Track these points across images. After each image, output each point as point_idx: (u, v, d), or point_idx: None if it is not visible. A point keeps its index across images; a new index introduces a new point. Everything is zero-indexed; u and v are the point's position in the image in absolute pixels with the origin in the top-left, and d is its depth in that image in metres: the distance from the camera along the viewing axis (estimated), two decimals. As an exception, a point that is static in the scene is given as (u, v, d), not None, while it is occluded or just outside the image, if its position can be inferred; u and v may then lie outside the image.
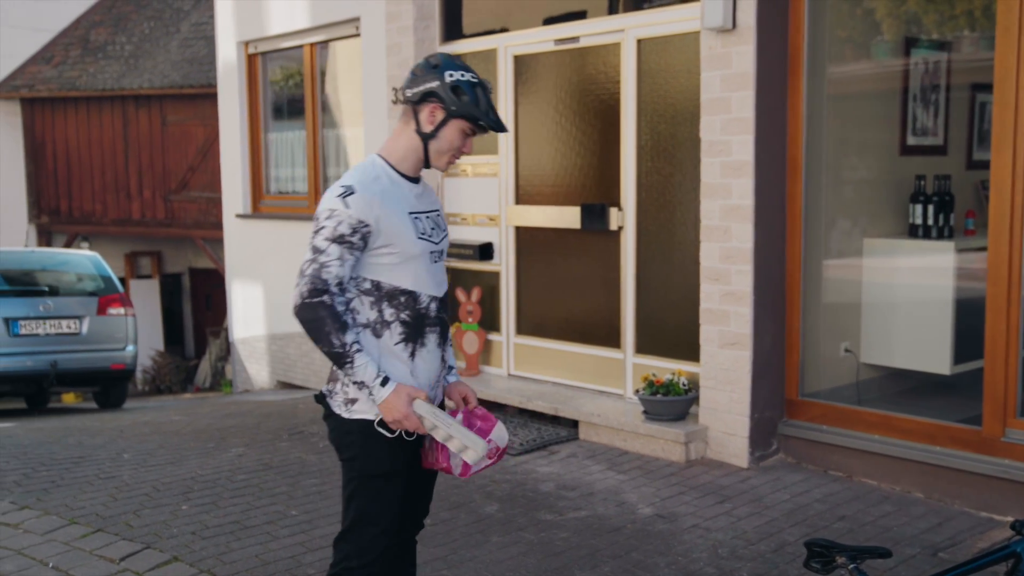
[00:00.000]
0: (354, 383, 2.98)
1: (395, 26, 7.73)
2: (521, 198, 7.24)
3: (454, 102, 3.01)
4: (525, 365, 7.30)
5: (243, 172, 10.04)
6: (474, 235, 7.58)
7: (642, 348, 6.50)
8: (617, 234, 6.57)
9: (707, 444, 5.89)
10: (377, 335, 3.05)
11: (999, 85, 4.87)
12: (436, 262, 3.16)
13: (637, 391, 6.16)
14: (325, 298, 2.94)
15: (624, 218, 6.51)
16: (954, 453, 5.13)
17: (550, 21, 7.01)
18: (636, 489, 5.40)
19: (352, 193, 2.96)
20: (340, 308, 2.99)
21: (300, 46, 9.35)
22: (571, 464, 5.91)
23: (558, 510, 5.15)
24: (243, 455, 6.16)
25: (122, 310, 10.36)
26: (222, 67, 10.27)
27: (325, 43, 9.18)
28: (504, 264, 7.37)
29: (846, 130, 6.36)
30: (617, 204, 6.55)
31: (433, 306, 3.14)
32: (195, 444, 6.48)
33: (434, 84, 3.02)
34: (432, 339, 3.14)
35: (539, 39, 6.99)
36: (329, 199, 2.98)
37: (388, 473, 3.07)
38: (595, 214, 6.63)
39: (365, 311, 3.06)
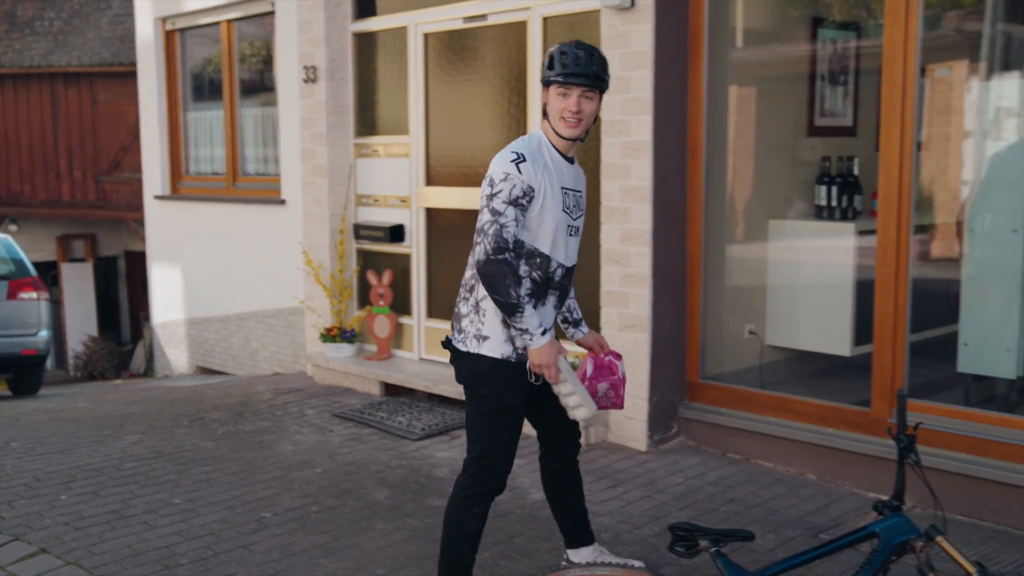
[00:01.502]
0: (517, 329, 3.37)
1: (306, 3, 7.57)
2: (432, 179, 7.13)
3: (543, 73, 3.44)
4: (436, 349, 7.21)
5: (162, 153, 9.83)
6: (386, 217, 7.47)
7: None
8: (524, 216, 6.49)
9: (607, 428, 5.85)
10: (512, 341, 3.47)
11: (887, 67, 4.84)
12: (572, 235, 3.54)
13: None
14: (507, 255, 3.34)
15: (530, 199, 6.42)
16: (844, 435, 5.13)
17: (460, -1, 6.91)
18: (530, 474, 5.34)
19: (524, 160, 3.34)
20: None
21: (217, 23, 9.16)
22: (471, 448, 5.83)
23: (448, 495, 5.07)
24: (138, 442, 6.03)
25: (34, 294, 10.11)
26: (140, 44, 10.04)
27: (242, 20, 8.99)
28: (415, 246, 7.28)
29: (751, 111, 6.32)
30: (524, 185, 6.45)
31: (560, 272, 3.52)
32: (90, 432, 6.33)
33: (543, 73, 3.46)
34: (551, 300, 3.55)
35: (448, 16, 6.87)
36: (503, 163, 3.34)
37: (519, 405, 3.54)
38: (502, 195, 6.53)
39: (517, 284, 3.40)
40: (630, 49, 5.53)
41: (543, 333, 3.40)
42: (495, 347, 3.49)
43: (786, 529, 4.59)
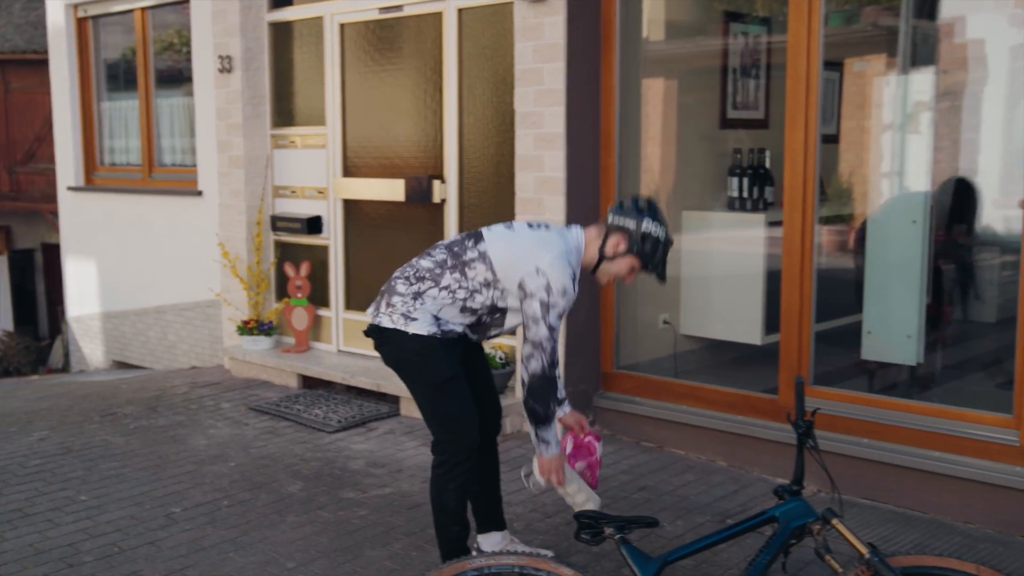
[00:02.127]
0: (539, 438, 3.61)
1: (219, -9, 7.46)
2: (349, 170, 7.09)
3: (638, 244, 3.61)
4: (354, 341, 7.18)
5: (75, 143, 9.59)
6: (303, 208, 7.40)
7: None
8: (441, 207, 6.50)
9: (523, 418, 5.88)
10: (454, 304, 3.63)
11: (791, 60, 4.93)
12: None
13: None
14: (557, 371, 3.62)
15: (447, 191, 6.43)
16: (754, 422, 5.23)
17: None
18: (446, 464, 5.34)
19: (576, 278, 3.60)
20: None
21: (131, 10, 8.97)
22: (387, 441, 5.83)
23: (363, 488, 5.07)
24: (45, 439, 5.90)
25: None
26: (52, 31, 9.78)
27: (156, 7, 8.82)
28: (333, 238, 7.23)
29: (665, 104, 6.40)
30: (441, 177, 6.47)
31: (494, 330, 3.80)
32: (-4, 428, 6.18)
33: (631, 224, 3.61)
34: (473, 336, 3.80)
35: (364, 7, 6.83)
36: (563, 276, 3.52)
37: (454, 375, 3.67)
38: (419, 187, 6.54)
39: (454, 312, 3.65)
40: (543, 41, 5.55)
41: (557, 444, 3.63)
42: (421, 327, 3.63)
43: (695, 515, 4.67)
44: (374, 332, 3.77)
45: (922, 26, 6.31)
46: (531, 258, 3.54)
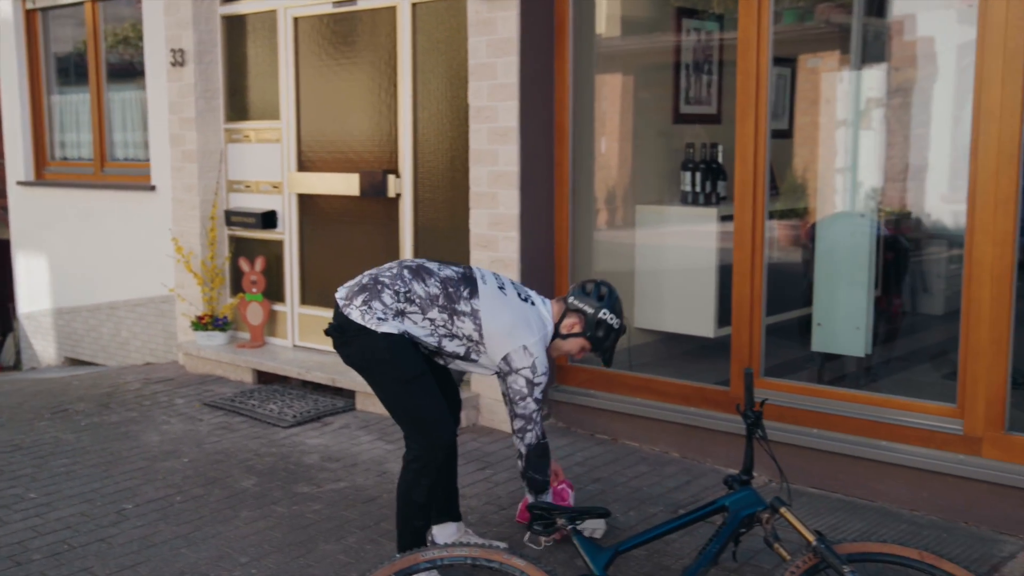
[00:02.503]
0: (538, 507, 3.63)
1: (172, -16, 7.39)
2: (304, 165, 7.07)
3: (592, 329, 3.90)
4: (310, 335, 7.16)
5: (24, 137, 9.45)
6: (258, 203, 7.36)
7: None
8: (396, 201, 6.50)
9: (479, 411, 5.91)
10: (415, 324, 3.74)
11: (742, 56, 4.99)
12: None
13: None
14: (547, 441, 3.90)
15: (402, 185, 6.43)
16: (706, 413, 5.29)
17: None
18: (399, 459, 5.34)
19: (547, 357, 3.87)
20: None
21: (81, 2, 8.85)
22: (342, 435, 5.82)
23: (317, 482, 5.06)
24: (-6, 436, 5.84)
25: None
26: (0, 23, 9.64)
27: (107, 0, 8.71)
28: (288, 232, 7.20)
29: (618, 98, 6.44)
30: (395, 171, 6.46)
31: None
32: (-55, 426, 6.10)
33: (589, 310, 3.89)
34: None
35: (318, 1, 6.80)
36: (544, 358, 3.81)
37: (423, 372, 3.74)
38: (374, 181, 6.53)
39: (425, 335, 3.77)
40: (496, 36, 5.57)
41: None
42: (391, 328, 3.69)
43: (648, 506, 4.72)
44: (337, 331, 3.79)
45: (874, 23, 6.41)
46: (519, 336, 3.75)
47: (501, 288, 3.87)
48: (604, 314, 3.90)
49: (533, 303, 3.90)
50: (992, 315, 4.34)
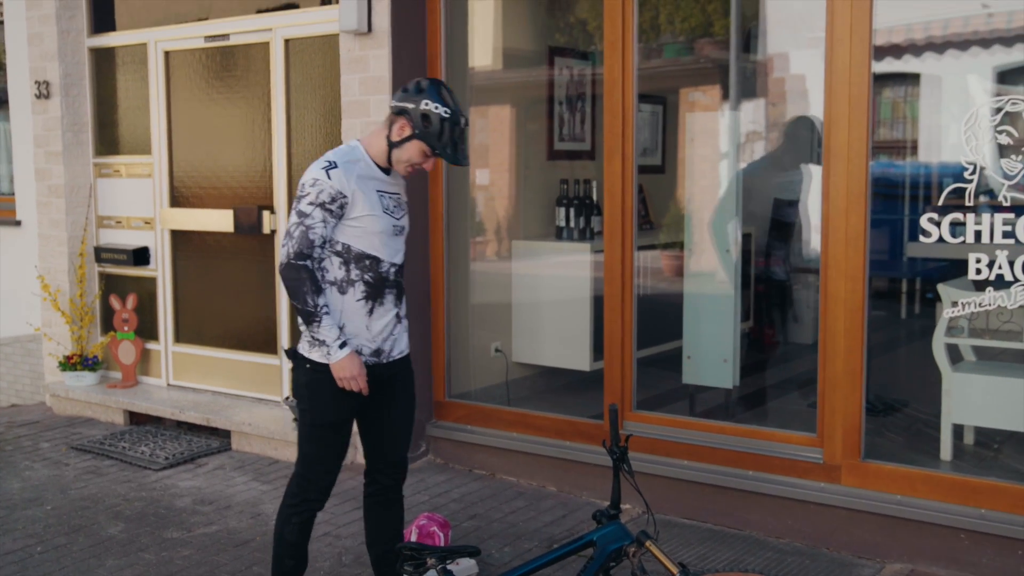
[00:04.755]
0: (316, 339, 3.47)
1: (36, 14, 7.19)
2: (177, 200, 6.93)
3: (419, 127, 3.47)
4: (184, 374, 7.00)
5: None
6: (129, 239, 7.19)
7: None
8: (271, 238, 6.43)
9: (356, 449, 5.86)
10: (342, 292, 3.51)
11: (608, 96, 5.11)
12: (397, 235, 3.64)
13: (287, 398, 6.04)
14: (308, 262, 3.45)
15: (277, 221, 6.37)
16: (581, 447, 5.35)
17: (205, 17, 6.75)
18: (277, 499, 5.26)
19: (335, 167, 3.45)
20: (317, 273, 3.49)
21: (-58, 32, 8.54)
22: (216, 477, 5.70)
23: (188, 526, 4.95)
24: None
25: None
26: None
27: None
28: (161, 269, 7.04)
29: (493, 135, 6.52)
30: (270, 207, 6.40)
31: (392, 270, 3.61)
32: None
33: (410, 106, 3.48)
34: (389, 299, 3.62)
35: (190, 35, 6.72)
36: (314, 170, 3.45)
37: (334, 423, 3.59)
38: (249, 218, 6.45)
39: (334, 270, 3.51)
40: (368, 74, 5.58)
41: (341, 346, 3.46)
42: (318, 355, 3.52)
43: (524, 541, 4.75)
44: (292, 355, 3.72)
45: (749, 61, 6.64)
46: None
47: None
48: (426, 104, 3.44)
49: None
50: (847, 347, 4.53)
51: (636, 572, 3.56)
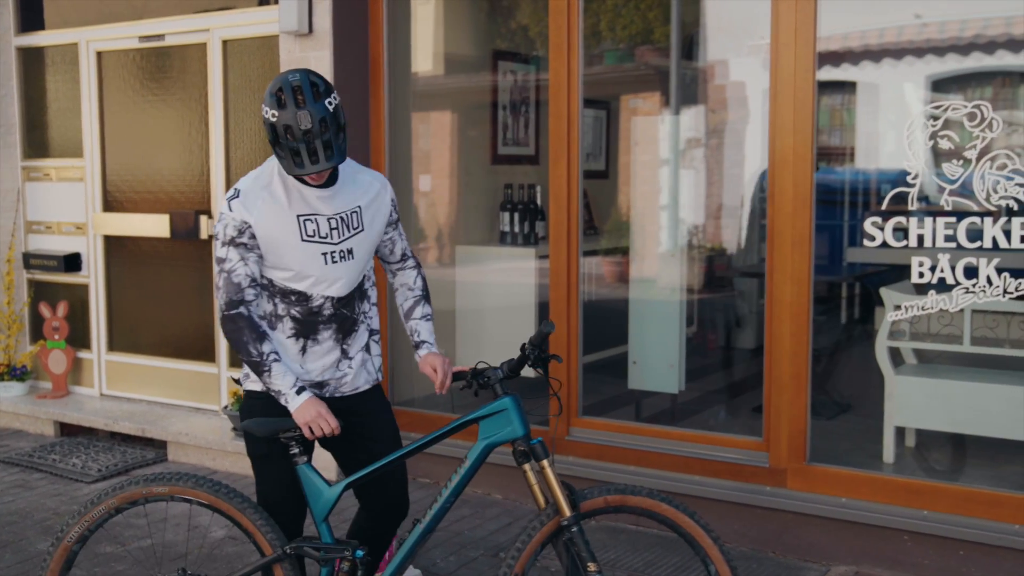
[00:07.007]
0: (272, 391, 3.10)
1: (-40, 13, 6.98)
2: (110, 205, 6.75)
3: (270, 137, 2.96)
4: (119, 384, 6.81)
5: None
6: (60, 245, 6.99)
7: (237, 362, 6.24)
8: (209, 243, 6.28)
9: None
10: (272, 327, 3.17)
11: (553, 100, 5.07)
12: (338, 262, 3.15)
13: (226, 407, 5.91)
14: (242, 309, 3.08)
15: (214, 226, 6.22)
16: (526, 454, 5.28)
17: (139, 16, 6.59)
18: (213, 511, 5.13)
19: (236, 197, 3.05)
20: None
21: None
22: (151, 489, 5.54)
23: (122, 540, 4.79)
24: None
25: None
26: None
27: None
28: (93, 276, 6.85)
29: (436, 139, 6.45)
30: (208, 212, 6.26)
31: (328, 304, 3.18)
32: None
33: (263, 115, 2.97)
34: (327, 335, 3.22)
35: (123, 35, 6.55)
36: (222, 204, 3.08)
37: (264, 455, 3.23)
38: (186, 223, 6.30)
39: (263, 303, 3.16)
40: (310, 75, 5.47)
41: (298, 392, 3.09)
42: (254, 383, 3.25)
43: (469, 550, 4.68)
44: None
45: (690, 68, 6.66)
46: None
47: None
48: (264, 112, 2.94)
49: None
50: (792, 351, 4.53)
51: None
